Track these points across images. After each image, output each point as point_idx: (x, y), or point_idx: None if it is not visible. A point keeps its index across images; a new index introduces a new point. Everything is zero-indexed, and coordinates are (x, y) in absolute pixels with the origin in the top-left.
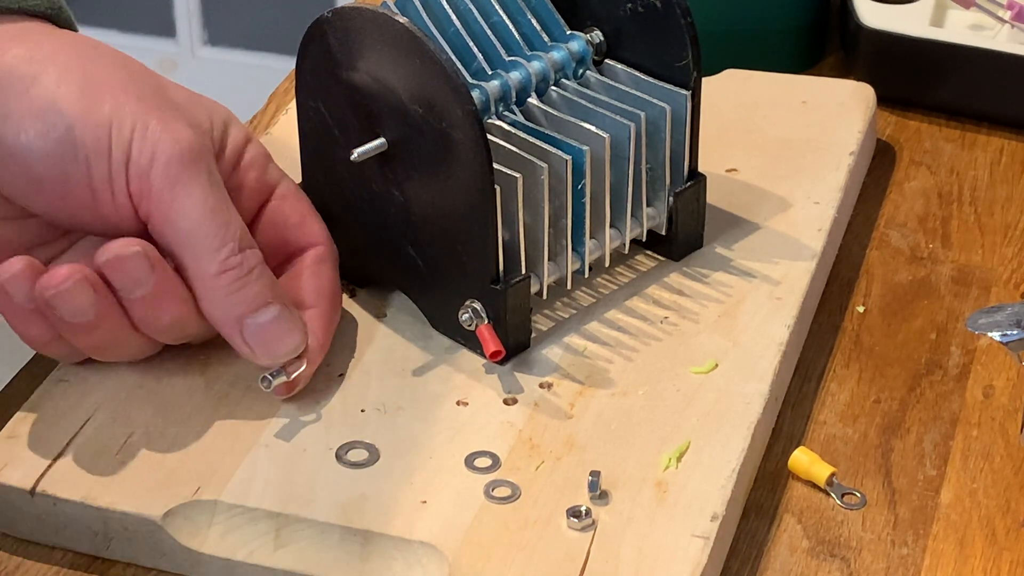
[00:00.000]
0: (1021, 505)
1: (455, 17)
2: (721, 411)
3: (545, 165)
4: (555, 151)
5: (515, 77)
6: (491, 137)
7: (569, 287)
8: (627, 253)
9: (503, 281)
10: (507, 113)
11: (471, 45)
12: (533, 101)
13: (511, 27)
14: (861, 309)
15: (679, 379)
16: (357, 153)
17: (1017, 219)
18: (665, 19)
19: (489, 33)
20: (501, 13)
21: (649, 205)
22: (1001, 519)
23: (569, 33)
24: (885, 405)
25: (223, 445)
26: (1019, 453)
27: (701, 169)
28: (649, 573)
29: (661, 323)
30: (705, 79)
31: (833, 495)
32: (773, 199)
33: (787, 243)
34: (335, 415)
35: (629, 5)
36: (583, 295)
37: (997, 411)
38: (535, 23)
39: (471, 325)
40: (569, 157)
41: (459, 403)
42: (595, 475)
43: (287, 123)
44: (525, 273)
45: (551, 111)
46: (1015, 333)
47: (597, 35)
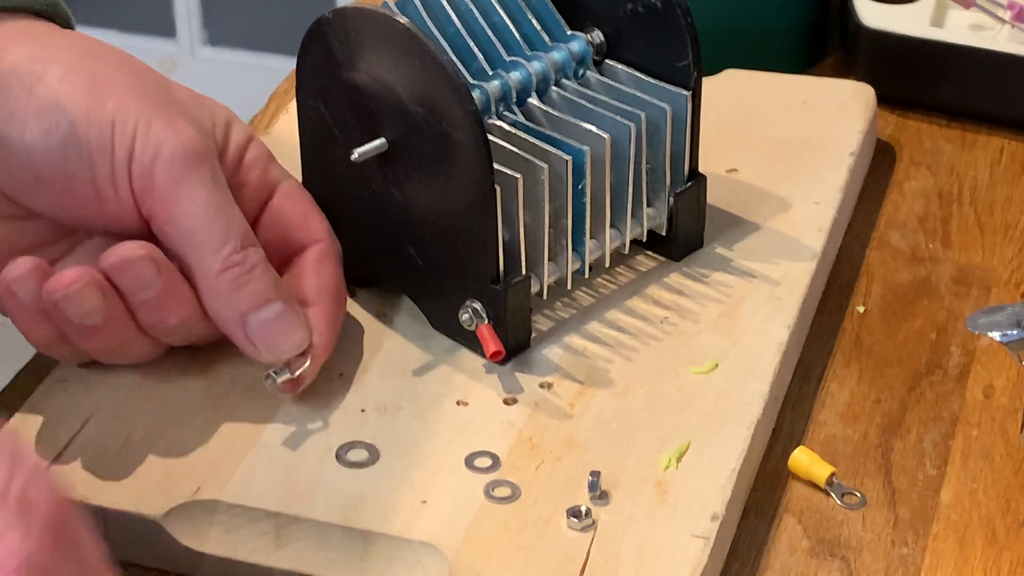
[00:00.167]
0: (1021, 505)
1: (455, 17)
2: (721, 411)
3: (545, 165)
4: (555, 151)
5: (515, 77)
6: (491, 137)
7: (569, 287)
8: (627, 253)
9: (503, 281)
10: (507, 113)
11: (471, 45)
12: (533, 101)
13: (511, 27)
14: (861, 309)
15: (679, 379)
16: (357, 153)
17: (1017, 219)
18: (665, 19)
19: (489, 33)
20: (501, 13)
21: (649, 205)
22: (1001, 519)
23: (569, 33)
24: (885, 405)
25: (223, 445)
26: (1019, 453)
27: (701, 169)
28: (649, 573)
29: (661, 323)
30: (705, 79)
31: (833, 495)
32: (773, 199)
33: (787, 243)
34: (335, 415)
35: (629, 5)
36: (583, 295)
37: (997, 411)
38: (535, 23)
39: (471, 325)
40: (569, 157)
41: (459, 403)
42: (595, 475)
43: (287, 123)
44: (525, 273)
45: (551, 111)
46: (1015, 333)
47: (597, 35)
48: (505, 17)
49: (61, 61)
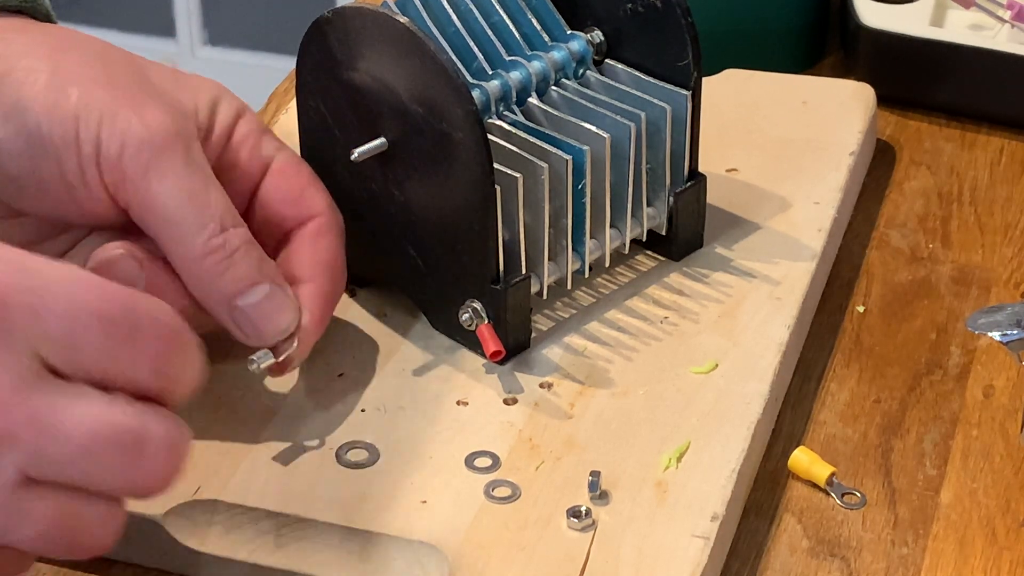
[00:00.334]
0: (1021, 505)
1: (455, 17)
2: (721, 411)
3: (545, 165)
4: (555, 151)
5: (515, 77)
6: (491, 137)
7: (569, 287)
8: (627, 253)
9: (503, 281)
10: (507, 113)
11: (471, 45)
12: (533, 101)
13: (511, 27)
14: (861, 309)
15: (679, 379)
16: (357, 153)
17: (1017, 219)
18: (665, 19)
19: (489, 33)
20: (501, 13)
21: (649, 205)
22: (1001, 519)
23: (569, 33)
24: (885, 405)
25: (223, 445)
26: (1019, 453)
27: (701, 169)
28: (649, 573)
29: (661, 323)
30: (705, 79)
31: (833, 495)
32: (773, 199)
33: (787, 243)
34: (335, 415)
35: (629, 5)
36: (583, 295)
37: (997, 411)
38: (535, 23)
39: (471, 325)
40: (569, 157)
41: (459, 403)
42: (595, 475)
43: (287, 123)
44: (525, 273)
45: (551, 111)
46: (1015, 333)
47: (597, 35)
48: (505, 17)
49: (25, 60)
